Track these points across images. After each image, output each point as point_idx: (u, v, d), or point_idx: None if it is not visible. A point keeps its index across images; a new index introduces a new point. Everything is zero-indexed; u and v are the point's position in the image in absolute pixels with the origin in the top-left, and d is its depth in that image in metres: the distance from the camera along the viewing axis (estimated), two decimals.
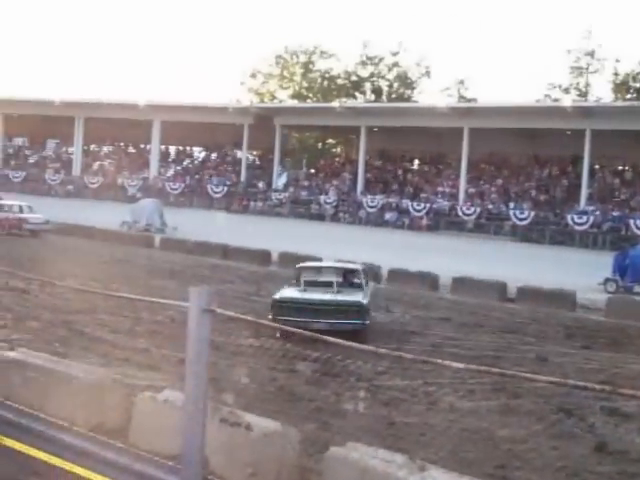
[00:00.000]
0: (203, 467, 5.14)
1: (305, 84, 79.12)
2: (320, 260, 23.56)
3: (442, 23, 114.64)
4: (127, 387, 8.30)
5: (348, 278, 16.79)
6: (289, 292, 15.50)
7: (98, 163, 64.93)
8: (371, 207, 51.38)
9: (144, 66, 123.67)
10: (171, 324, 14.23)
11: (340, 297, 15.36)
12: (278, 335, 13.46)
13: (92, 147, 68.15)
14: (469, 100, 69.44)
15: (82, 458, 5.55)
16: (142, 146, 66.89)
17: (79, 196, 57.81)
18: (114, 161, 65.27)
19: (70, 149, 66.73)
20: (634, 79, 68.95)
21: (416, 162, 59.72)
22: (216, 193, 56.85)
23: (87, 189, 60.12)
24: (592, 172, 48.64)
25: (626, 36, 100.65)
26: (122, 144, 69.51)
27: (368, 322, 14.95)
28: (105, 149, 69.27)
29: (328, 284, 15.96)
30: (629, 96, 66.49)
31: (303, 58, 78.76)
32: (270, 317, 14.16)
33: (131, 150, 68.93)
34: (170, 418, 6.67)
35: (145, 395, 7.62)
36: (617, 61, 68.29)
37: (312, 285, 15.85)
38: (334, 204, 52.93)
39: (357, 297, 15.42)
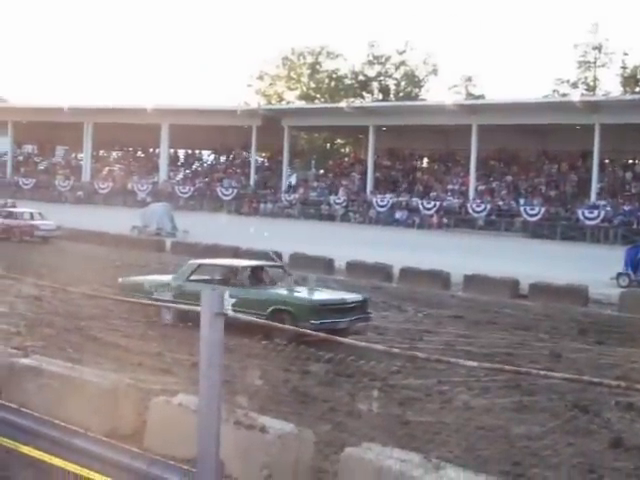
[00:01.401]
0: (219, 470, 5.13)
1: (312, 85, 79.15)
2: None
3: (448, 21, 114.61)
4: (141, 392, 8.32)
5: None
6: (315, 294, 15.15)
7: (107, 168, 65.20)
8: (381, 206, 51.34)
9: (151, 71, 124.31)
10: (184, 328, 14.22)
11: (349, 295, 16.02)
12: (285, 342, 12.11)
13: (101, 153, 68.42)
14: (477, 97, 69.33)
15: (97, 463, 5.55)
16: (151, 150, 67.10)
17: (89, 202, 58.04)
18: (123, 166, 65.54)
19: (79, 155, 67.08)
20: None
21: (425, 160, 59.73)
22: (226, 196, 56.94)
23: (97, 195, 60.34)
24: (602, 166, 48.50)
25: (633, 29, 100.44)
26: (131, 149, 69.76)
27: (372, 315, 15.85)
28: (114, 154, 69.61)
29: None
30: (638, 89, 66.20)
31: (310, 59, 78.80)
32: (312, 322, 13.56)
33: (140, 155, 69.18)
34: (184, 422, 6.67)
35: (159, 399, 7.64)
36: (625, 54, 68.19)
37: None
38: (344, 204, 52.91)
39: (353, 293, 16.35)
